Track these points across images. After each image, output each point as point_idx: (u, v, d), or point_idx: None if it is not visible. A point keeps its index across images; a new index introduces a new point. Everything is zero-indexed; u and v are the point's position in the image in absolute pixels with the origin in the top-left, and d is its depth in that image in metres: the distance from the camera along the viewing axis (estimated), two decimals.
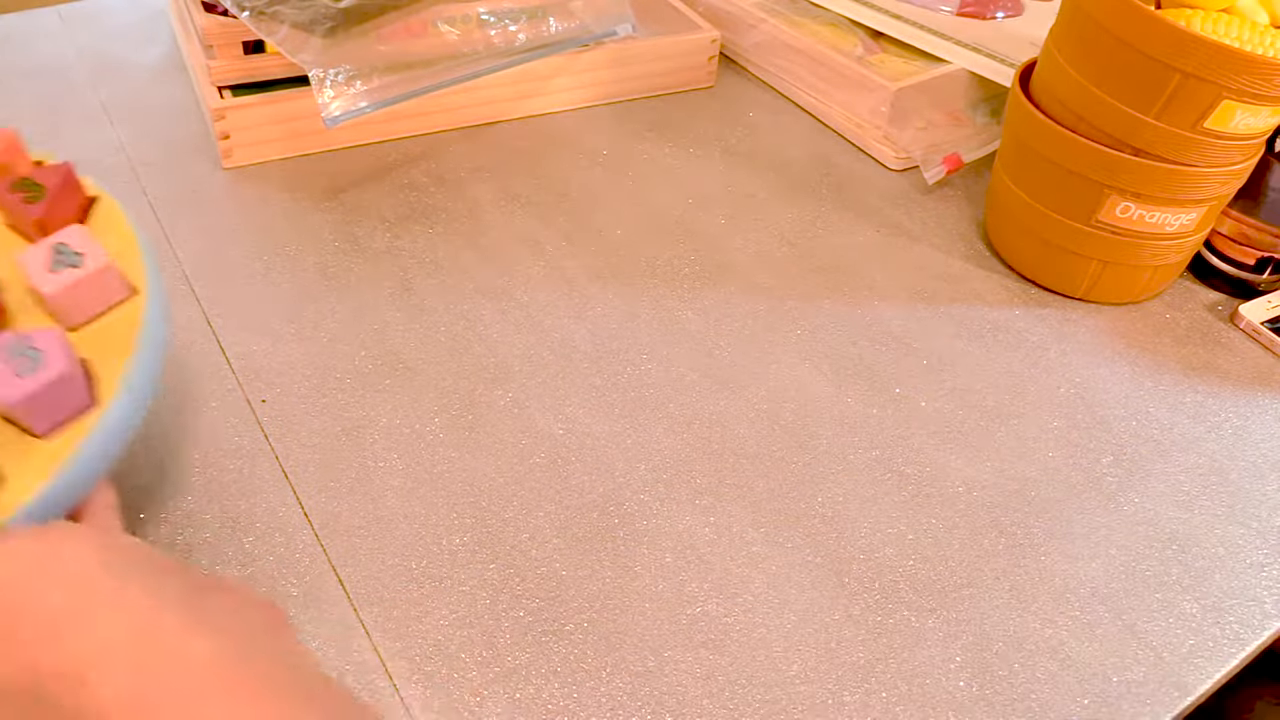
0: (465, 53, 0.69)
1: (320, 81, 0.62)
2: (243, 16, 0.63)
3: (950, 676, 0.44)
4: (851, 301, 0.63)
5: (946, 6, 0.81)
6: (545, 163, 0.72)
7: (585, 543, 0.48)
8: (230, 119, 0.66)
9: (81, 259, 0.40)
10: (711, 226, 0.68)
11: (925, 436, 0.55)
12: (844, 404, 0.56)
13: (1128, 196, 0.59)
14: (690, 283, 0.63)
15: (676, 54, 0.81)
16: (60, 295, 0.39)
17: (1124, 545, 0.50)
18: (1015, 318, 0.64)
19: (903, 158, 0.75)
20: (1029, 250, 0.65)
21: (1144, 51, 0.54)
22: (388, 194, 0.68)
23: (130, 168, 0.67)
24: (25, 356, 0.36)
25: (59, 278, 0.39)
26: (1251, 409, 0.59)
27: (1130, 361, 0.61)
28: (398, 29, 0.67)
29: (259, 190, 0.67)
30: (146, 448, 0.50)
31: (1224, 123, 0.55)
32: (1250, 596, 0.49)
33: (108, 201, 0.45)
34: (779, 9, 0.84)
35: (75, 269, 0.39)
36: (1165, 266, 0.63)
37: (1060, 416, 0.57)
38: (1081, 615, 0.47)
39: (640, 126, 0.78)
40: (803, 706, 0.43)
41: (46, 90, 0.74)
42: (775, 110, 0.81)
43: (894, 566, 0.48)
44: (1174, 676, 0.45)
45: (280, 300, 0.59)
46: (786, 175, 0.74)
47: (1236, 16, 0.56)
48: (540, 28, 0.71)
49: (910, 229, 0.70)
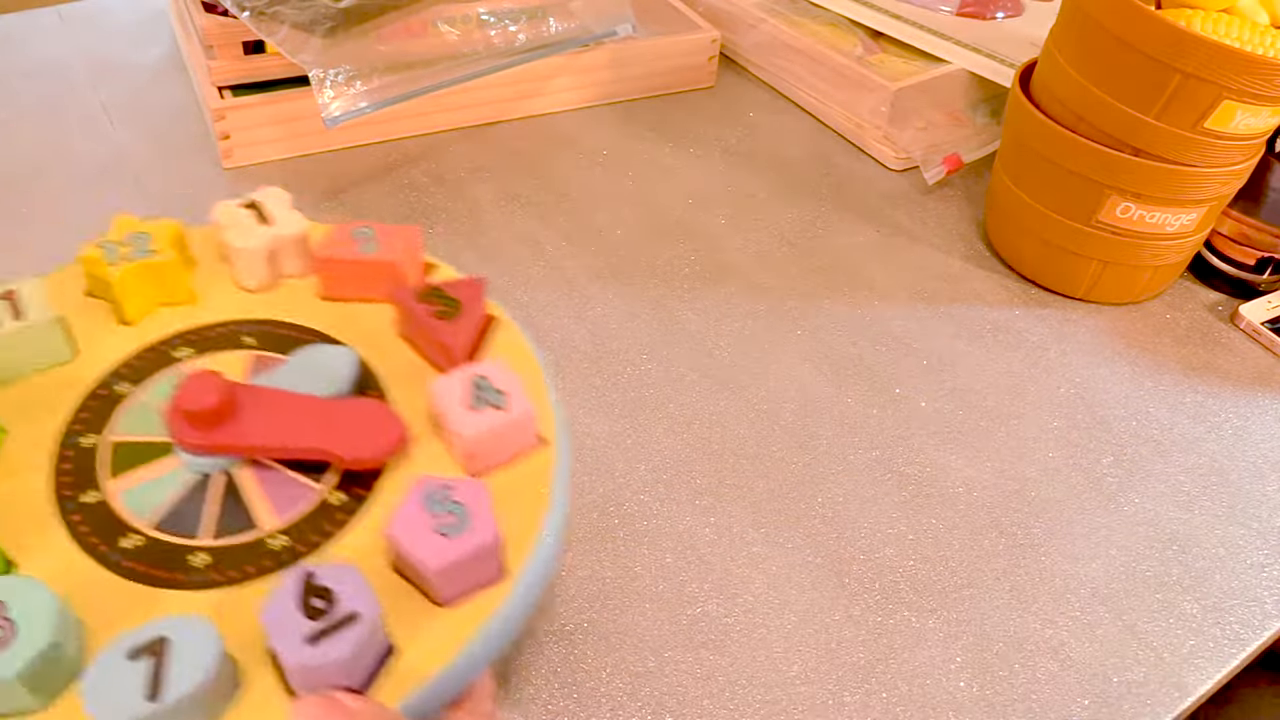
0: (465, 53, 0.69)
1: (320, 82, 0.62)
2: (243, 17, 0.63)
3: (950, 677, 0.44)
4: (851, 301, 0.63)
5: (946, 6, 0.81)
6: (545, 163, 0.72)
7: (585, 543, 0.48)
8: (230, 119, 0.66)
9: (504, 399, 0.35)
10: (711, 226, 0.68)
11: (925, 436, 0.55)
12: (844, 404, 0.56)
13: (1128, 197, 0.59)
14: (690, 283, 0.63)
15: (676, 54, 0.80)
16: (478, 440, 0.35)
17: (1124, 545, 0.50)
18: (1015, 318, 0.64)
19: (903, 158, 0.75)
20: (1029, 250, 0.65)
21: (1144, 52, 0.54)
22: (388, 194, 0.68)
23: (130, 168, 0.67)
24: (450, 513, 0.31)
25: (479, 419, 0.35)
26: (1252, 409, 0.59)
27: (1130, 362, 0.61)
28: (398, 29, 0.67)
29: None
30: None
31: (1224, 123, 0.55)
32: (1250, 597, 0.49)
33: (507, 325, 0.41)
34: (779, 9, 0.84)
35: (498, 410, 0.35)
36: (1165, 267, 0.63)
37: (1060, 416, 0.57)
38: (1082, 615, 0.47)
39: (640, 126, 0.78)
40: (803, 707, 0.43)
41: (46, 90, 0.74)
42: (775, 110, 0.81)
43: (894, 566, 0.48)
44: (1174, 677, 0.45)
45: None
46: (786, 175, 0.74)
47: (1237, 16, 0.56)
48: (540, 28, 0.71)
49: (910, 229, 0.70)
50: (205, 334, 0.41)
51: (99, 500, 0.35)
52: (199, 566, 0.33)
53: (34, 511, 0.35)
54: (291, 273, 0.43)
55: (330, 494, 0.35)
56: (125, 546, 0.34)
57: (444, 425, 0.36)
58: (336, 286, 0.42)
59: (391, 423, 0.35)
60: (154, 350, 0.40)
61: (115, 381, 0.39)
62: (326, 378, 0.37)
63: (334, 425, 0.35)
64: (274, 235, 0.41)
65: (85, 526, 0.35)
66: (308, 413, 0.35)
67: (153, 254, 0.40)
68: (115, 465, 0.36)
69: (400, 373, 0.39)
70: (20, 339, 0.38)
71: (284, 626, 0.29)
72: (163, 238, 0.41)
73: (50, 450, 0.37)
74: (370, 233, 0.41)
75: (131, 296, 0.40)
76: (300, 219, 0.42)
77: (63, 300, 0.41)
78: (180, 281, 0.41)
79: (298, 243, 0.42)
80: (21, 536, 0.34)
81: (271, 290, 0.42)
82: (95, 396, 0.38)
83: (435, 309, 0.38)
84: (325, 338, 0.40)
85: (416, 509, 0.31)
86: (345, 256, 0.41)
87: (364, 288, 0.41)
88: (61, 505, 0.35)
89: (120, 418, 0.38)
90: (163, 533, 0.34)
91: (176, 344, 0.40)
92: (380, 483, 0.35)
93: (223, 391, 0.34)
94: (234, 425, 0.35)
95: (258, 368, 0.39)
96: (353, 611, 0.29)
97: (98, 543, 0.34)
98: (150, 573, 0.33)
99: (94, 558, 0.34)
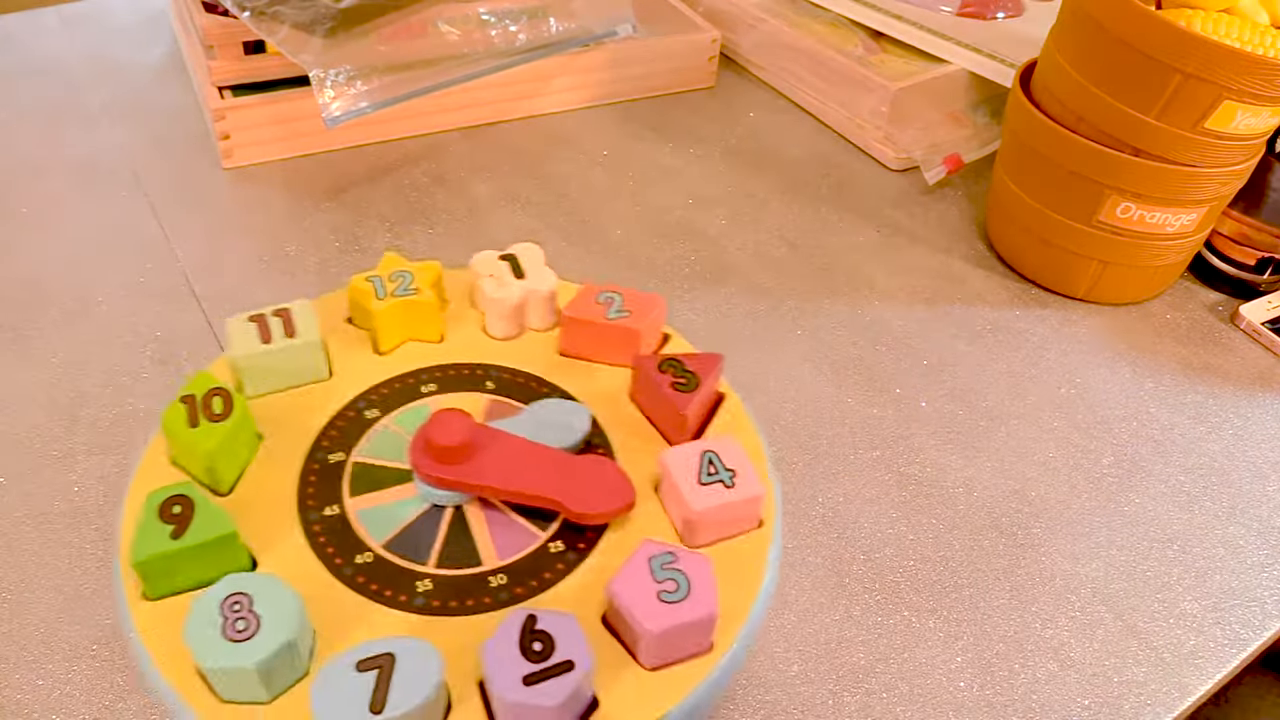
0: (466, 53, 0.69)
1: (321, 82, 0.62)
2: (243, 17, 0.63)
3: (951, 677, 0.44)
4: (851, 301, 0.63)
5: (947, 7, 0.81)
6: (545, 163, 0.72)
7: None
8: (230, 119, 0.66)
9: (734, 479, 0.36)
10: (711, 226, 0.68)
11: (925, 436, 0.55)
12: (844, 404, 0.56)
13: (1128, 197, 0.59)
14: (690, 283, 0.63)
15: (676, 54, 0.81)
16: (704, 514, 0.35)
17: (1124, 545, 0.50)
18: (1015, 318, 0.64)
19: (903, 158, 0.75)
20: (1029, 250, 0.65)
21: (1145, 52, 0.54)
22: (388, 194, 0.68)
23: (130, 168, 0.68)
24: (673, 580, 0.32)
25: (707, 494, 0.36)
26: (1252, 409, 0.59)
27: (1131, 362, 0.61)
28: (398, 29, 0.67)
29: (259, 190, 0.67)
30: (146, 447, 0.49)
31: (1225, 123, 0.55)
32: (1251, 596, 0.49)
33: (734, 402, 0.42)
34: (779, 9, 0.84)
35: (727, 489, 0.36)
36: (1166, 267, 0.63)
37: (1060, 416, 0.57)
38: (1082, 615, 0.47)
39: (640, 126, 0.78)
40: (803, 707, 0.43)
41: (46, 90, 0.74)
42: (775, 110, 0.81)
43: (894, 566, 0.48)
44: (1175, 677, 0.45)
45: (280, 300, 0.58)
46: (786, 175, 0.74)
47: (1237, 17, 0.56)
48: (541, 28, 0.71)
49: (910, 229, 0.70)
50: (450, 373, 0.43)
51: (338, 514, 0.38)
52: (421, 591, 0.35)
53: (280, 516, 0.37)
54: (535, 325, 0.45)
55: (550, 542, 0.37)
56: (358, 562, 0.36)
57: (671, 495, 0.37)
58: (578, 345, 0.44)
59: (622, 485, 0.37)
60: (402, 381, 0.43)
61: (364, 406, 0.42)
62: (561, 430, 0.39)
63: (567, 478, 0.37)
64: (526, 290, 0.44)
65: (323, 537, 0.37)
66: (544, 463, 0.37)
67: (414, 293, 0.43)
68: (355, 484, 0.39)
69: (628, 434, 0.41)
70: (289, 356, 0.41)
71: (503, 663, 0.30)
72: (424, 278, 0.44)
73: (300, 461, 0.39)
74: (618, 298, 0.43)
75: (389, 330, 0.43)
76: (552, 276, 0.44)
77: (327, 323, 0.44)
78: (434, 320, 0.44)
79: (547, 299, 0.44)
80: (265, 536, 0.37)
81: (515, 339, 0.45)
82: (344, 417, 0.41)
83: (674, 380, 0.40)
84: (561, 392, 0.42)
85: (641, 571, 0.33)
86: (592, 319, 0.42)
87: (604, 349, 0.43)
88: (304, 514, 0.38)
89: (366, 441, 0.40)
90: (392, 554, 0.36)
91: (424, 379, 0.43)
92: (600, 539, 0.37)
93: (468, 431, 0.36)
94: (473, 464, 0.37)
95: (495, 412, 0.42)
96: (569, 660, 0.30)
97: (333, 554, 0.36)
98: (377, 590, 0.35)
99: (328, 567, 0.36)
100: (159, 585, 0.34)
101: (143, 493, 0.36)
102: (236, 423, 0.38)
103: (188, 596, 0.34)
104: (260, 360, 0.41)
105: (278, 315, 0.41)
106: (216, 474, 0.37)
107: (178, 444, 0.38)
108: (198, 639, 0.31)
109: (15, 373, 0.53)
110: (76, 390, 0.52)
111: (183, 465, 0.38)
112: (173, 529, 0.33)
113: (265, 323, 0.41)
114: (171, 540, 0.33)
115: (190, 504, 0.34)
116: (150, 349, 0.55)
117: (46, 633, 0.42)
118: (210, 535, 0.34)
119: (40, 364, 0.53)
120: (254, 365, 0.41)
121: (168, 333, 0.56)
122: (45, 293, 0.57)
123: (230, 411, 0.38)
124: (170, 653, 0.32)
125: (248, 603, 0.31)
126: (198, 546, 0.34)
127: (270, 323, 0.41)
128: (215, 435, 0.37)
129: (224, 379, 0.41)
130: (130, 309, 0.57)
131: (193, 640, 0.31)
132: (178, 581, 0.34)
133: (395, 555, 0.36)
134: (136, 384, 0.53)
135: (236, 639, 0.30)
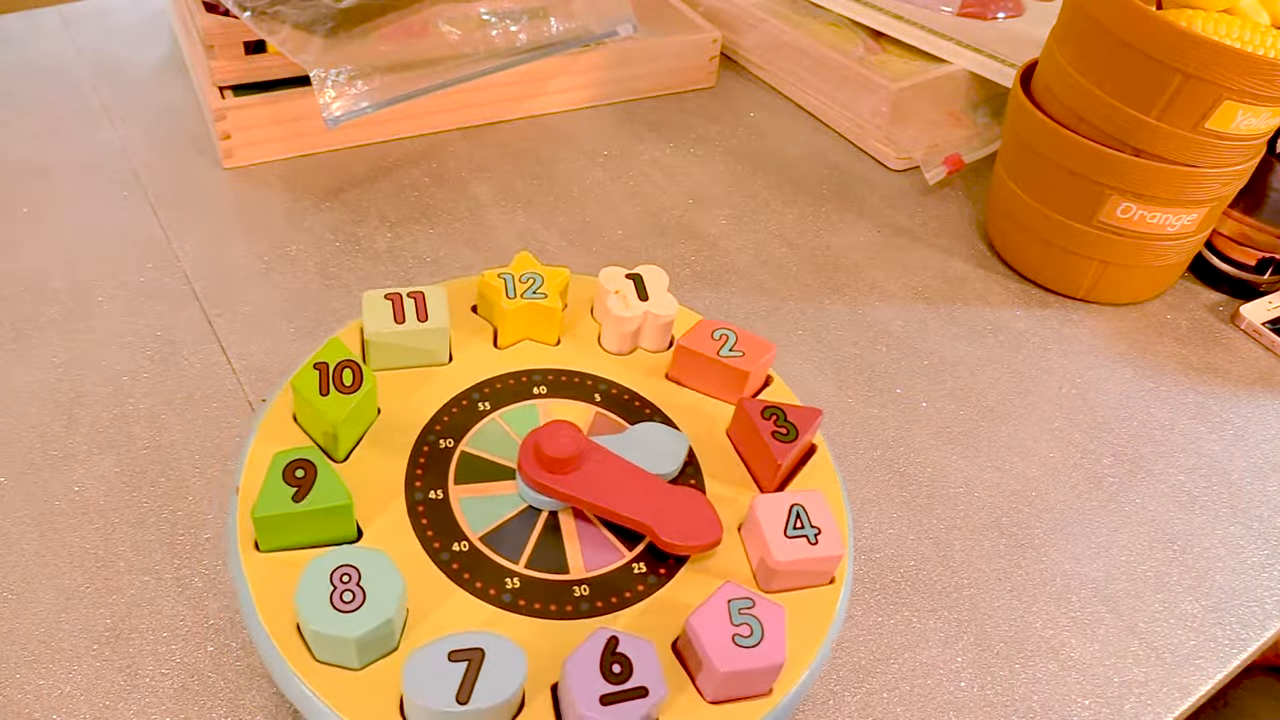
0: (466, 53, 0.69)
1: (321, 82, 0.62)
2: (244, 17, 0.63)
3: (951, 677, 0.44)
4: (851, 301, 0.63)
5: (947, 7, 0.81)
6: (546, 163, 0.72)
7: None
8: (231, 119, 0.66)
9: (818, 535, 0.37)
10: (711, 226, 0.68)
11: (925, 436, 0.55)
12: (844, 404, 0.56)
13: (1128, 197, 0.59)
14: (690, 283, 0.63)
15: (677, 54, 0.81)
16: (785, 565, 0.37)
17: (1125, 545, 0.50)
18: (1016, 318, 0.64)
19: (903, 158, 0.75)
20: (1030, 250, 0.65)
21: (1145, 52, 0.54)
22: (388, 194, 0.68)
23: (130, 168, 0.68)
24: (747, 624, 0.34)
25: (790, 546, 0.37)
26: (1252, 409, 0.59)
27: (1131, 362, 0.61)
28: (399, 29, 0.67)
29: (259, 190, 0.67)
30: (146, 447, 0.50)
31: (1225, 123, 0.55)
32: (1251, 596, 0.49)
33: (824, 457, 0.43)
34: (779, 9, 0.84)
35: (809, 544, 0.37)
36: (1166, 267, 0.63)
37: (1061, 416, 0.57)
38: (1082, 615, 0.47)
39: (640, 126, 0.78)
40: (803, 707, 0.43)
41: (46, 90, 0.74)
42: (775, 110, 0.81)
43: (894, 566, 0.48)
44: (1175, 677, 0.45)
45: (280, 300, 0.59)
46: (787, 175, 0.74)
47: (1238, 17, 0.56)
48: (541, 28, 0.71)
49: (910, 229, 0.70)
50: (561, 379, 0.45)
51: (442, 499, 0.39)
52: (510, 589, 0.37)
53: (387, 491, 0.39)
54: (648, 346, 0.47)
55: (634, 562, 0.38)
56: (455, 549, 0.38)
57: (755, 539, 0.38)
58: (686, 374, 0.45)
59: (712, 522, 0.38)
60: (515, 379, 0.44)
61: (479, 398, 0.43)
62: (660, 456, 0.41)
63: (661, 506, 0.38)
64: (647, 312, 0.45)
65: (425, 520, 0.39)
66: (642, 487, 0.39)
67: (543, 297, 0.45)
68: (460, 473, 0.40)
69: (720, 469, 0.42)
70: (418, 337, 0.43)
71: (583, 679, 0.32)
72: (552, 283, 0.46)
73: (412, 441, 0.41)
74: (732, 336, 0.45)
75: (512, 328, 0.45)
76: (673, 302, 0.46)
77: (454, 310, 0.46)
78: (554, 325, 0.45)
79: (665, 325, 0.46)
80: (373, 509, 0.38)
81: (627, 355, 0.46)
82: (458, 404, 0.43)
83: (775, 430, 0.41)
84: (664, 416, 0.44)
85: (720, 611, 0.34)
86: (706, 353, 0.44)
87: (711, 383, 0.45)
88: (410, 494, 0.39)
89: (475, 433, 0.42)
90: (487, 548, 0.38)
91: (536, 379, 0.45)
92: (681, 568, 0.39)
93: (578, 446, 0.38)
94: (577, 477, 0.38)
95: (600, 426, 0.43)
96: (644, 686, 0.32)
97: (432, 537, 0.38)
98: (469, 580, 0.37)
99: (426, 550, 0.38)
100: (271, 540, 0.36)
101: (267, 450, 0.38)
102: (363, 397, 0.39)
103: (295, 554, 0.36)
104: (391, 338, 0.42)
105: (412, 297, 0.43)
106: (337, 442, 0.39)
107: (306, 408, 0.40)
108: (308, 603, 0.32)
109: (15, 373, 0.53)
110: (76, 390, 0.52)
111: (304, 426, 0.40)
112: (295, 491, 0.36)
113: (401, 302, 0.43)
114: (293, 502, 0.35)
115: (313, 470, 0.36)
116: (150, 349, 0.55)
117: (46, 633, 0.42)
118: (328, 504, 0.36)
119: (40, 364, 0.53)
120: (384, 342, 0.43)
121: (168, 333, 0.56)
122: (45, 293, 0.57)
123: (359, 385, 0.39)
124: (273, 605, 0.35)
125: (356, 576, 0.33)
126: (315, 512, 0.35)
127: (405, 303, 0.43)
128: (343, 407, 0.39)
129: (353, 348, 0.43)
130: (130, 309, 0.57)
131: (303, 603, 0.33)
132: (290, 539, 0.36)
133: (490, 549, 0.38)
134: (136, 384, 0.53)
135: (343, 609, 0.32)
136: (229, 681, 0.40)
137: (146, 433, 0.50)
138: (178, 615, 0.43)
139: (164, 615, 0.43)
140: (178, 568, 0.44)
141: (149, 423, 0.51)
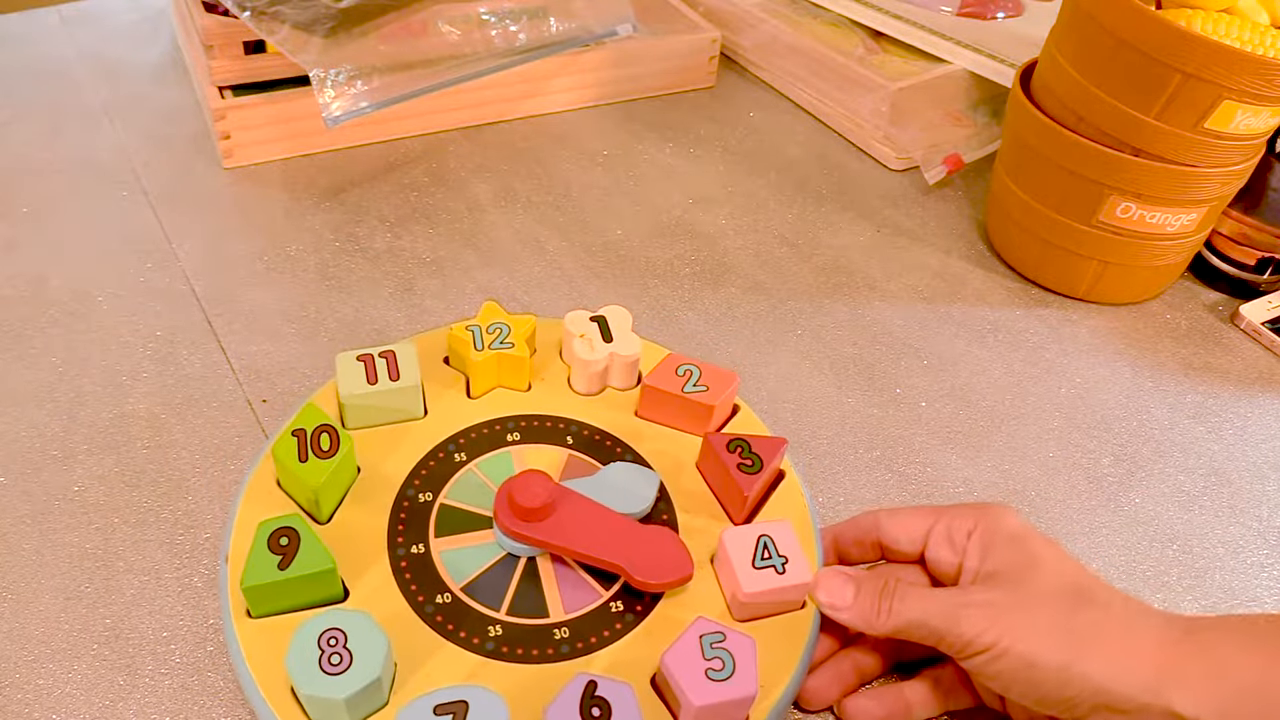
0: (466, 53, 0.69)
1: (321, 81, 0.62)
2: (243, 17, 0.63)
3: None
4: (851, 301, 0.63)
5: (947, 7, 0.81)
6: (545, 163, 0.72)
7: None
8: (230, 119, 0.66)
9: (785, 565, 0.39)
10: (711, 226, 0.68)
11: (925, 436, 0.55)
12: (844, 404, 0.56)
13: (1128, 197, 0.59)
14: (690, 283, 0.63)
15: (676, 54, 0.81)
16: (754, 596, 0.38)
17: (1124, 545, 0.50)
18: (1015, 318, 0.64)
19: (903, 158, 0.75)
20: (1029, 250, 0.65)
21: (1144, 52, 0.54)
22: (388, 194, 0.68)
23: (130, 168, 0.68)
24: (719, 658, 0.35)
25: (759, 577, 0.38)
26: (1252, 409, 0.59)
27: (1130, 362, 0.61)
28: (398, 29, 0.67)
29: (259, 190, 0.67)
30: (146, 447, 0.50)
31: (1225, 123, 0.55)
32: (1250, 596, 0.49)
33: (793, 482, 0.45)
34: (779, 9, 0.84)
35: (777, 574, 0.38)
36: (1166, 267, 0.63)
37: (1060, 416, 0.57)
38: None
39: (640, 126, 0.78)
40: None
41: (46, 90, 0.74)
42: (775, 110, 0.81)
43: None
44: None
45: (280, 300, 0.59)
46: (787, 175, 0.74)
47: (1237, 17, 0.56)
48: (541, 28, 0.71)
49: (910, 229, 0.70)
50: (534, 424, 0.46)
51: (423, 553, 0.41)
52: (493, 636, 0.38)
53: (371, 549, 0.40)
54: (617, 385, 0.48)
55: (611, 602, 0.40)
56: (438, 601, 0.39)
57: (726, 572, 0.39)
58: (655, 411, 0.47)
59: (682, 559, 0.40)
60: (490, 428, 0.46)
61: (454, 449, 0.45)
62: (631, 497, 0.42)
63: (634, 547, 0.39)
64: (612, 354, 0.47)
65: (409, 575, 0.40)
66: (614, 530, 0.40)
67: (510, 346, 0.46)
68: (439, 526, 0.42)
69: (692, 503, 0.44)
70: (393, 396, 0.44)
71: None
72: (519, 332, 0.47)
73: (392, 498, 0.42)
74: (696, 372, 0.47)
75: (483, 378, 0.46)
76: (637, 342, 0.48)
77: (425, 361, 0.47)
78: (523, 372, 0.47)
79: (631, 364, 0.48)
80: (357, 568, 0.40)
81: (596, 396, 0.48)
82: (435, 457, 0.44)
83: (740, 462, 0.42)
84: (635, 454, 0.45)
85: (692, 646, 0.35)
86: (671, 390, 0.46)
87: (678, 418, 0.46)
88: (392, 550, 0.41)
89: (453, 484, 0.43)
90: (469, 597, 0.39)
91: (510, 427, 0.46)
92: (657, 604, 0.40)
93: (550, 494, 0.39)
94: (550, 524, 0.39)
95: (573, 469, 0.45)
96: None
97: (416, 591, 0.39)
98: (453, 630, 0.38)
99: (410, 604, 0.39)
100: (262, 606, 0.38)
101: (253, 516, 0.40)
102: (341, 460, 0.41)
103: (286, 617, 0.38)
104: (365, 399, 0.44)
105: (383, 357, 0.44)
106: (319, 505, 0.40)
107: (286, 474, 0.41)
108: (298, 667, 0.34)
109: (15, 373, 0.53)
110: (76, 390, 0.52)
111: (288, 490, 0.42)
112: (280, 560, 0.37)
113: (373, 362, 0.44)
114: (278, 570, 0.37)
115: (296, 537, 0.38)
116: (150, 349, 0.55)
117: (46, 633, 0.42)
118: (313, 569, 0.37)
119: (40, 364, 0.53)
120: (359, 404, 0.44)
121: (168, 333, 0.56)
122: (45, 293, 0.57)
123: (337, 449, 0.41)
124: (267, 670, 0.36)
125: (343, 639, 0.34)
126: (301, 578, 0.37)
127: (377, 364, 0.44)
128: (322, 472, 0.40)
129: (328, 410, 0.44)
130: (130, 309, 0.57)
131: (293, 667, 0.34)
132: (279, 604, 0.38)
133: (472, 599, 0.39)
134: (136, 384, 0.53)
135: (331, 672, 0.34)
136: (229, 681, 0.40)
137: (146, 433, 0.50)
138: (178, 615, 0.43)
139: (164, 615, 0.43)
140: (178, 568, 0.44)
141: (149, 423, 0.51)
